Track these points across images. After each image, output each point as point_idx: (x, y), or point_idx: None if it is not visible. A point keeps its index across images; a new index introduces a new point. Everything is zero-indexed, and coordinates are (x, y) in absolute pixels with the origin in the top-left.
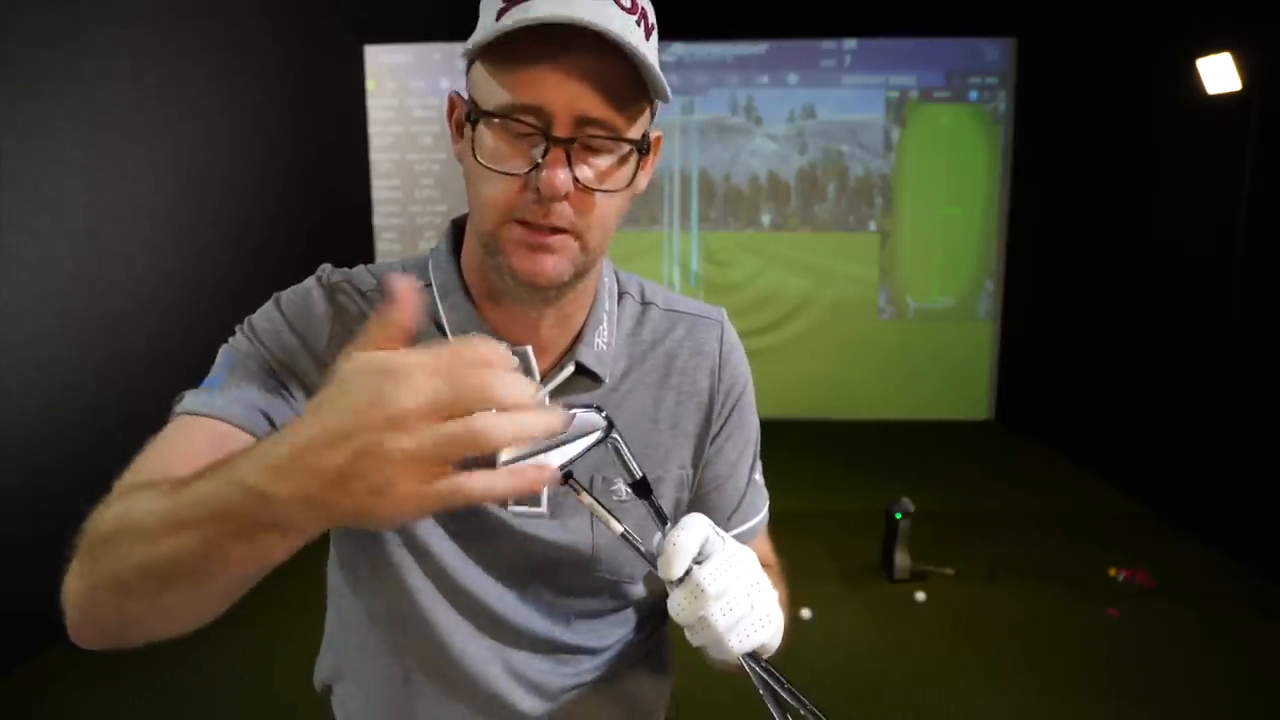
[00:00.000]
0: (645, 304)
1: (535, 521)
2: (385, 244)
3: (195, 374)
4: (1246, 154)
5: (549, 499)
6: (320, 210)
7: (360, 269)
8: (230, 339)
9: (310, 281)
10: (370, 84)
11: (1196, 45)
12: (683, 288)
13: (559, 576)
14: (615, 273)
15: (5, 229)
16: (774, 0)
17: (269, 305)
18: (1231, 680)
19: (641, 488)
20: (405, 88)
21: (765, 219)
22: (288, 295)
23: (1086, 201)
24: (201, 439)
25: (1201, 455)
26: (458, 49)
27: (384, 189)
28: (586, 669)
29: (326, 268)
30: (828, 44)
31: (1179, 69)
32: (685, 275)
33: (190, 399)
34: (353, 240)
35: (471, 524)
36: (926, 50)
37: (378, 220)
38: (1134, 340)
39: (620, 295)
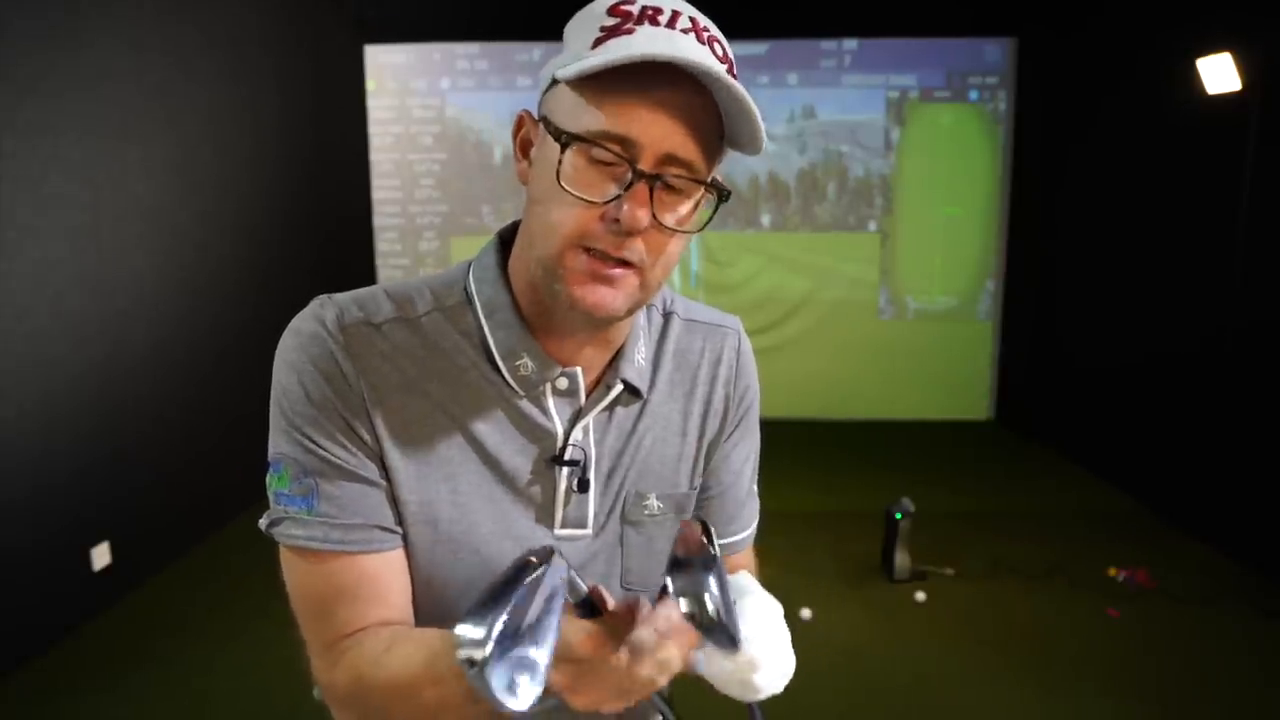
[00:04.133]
0: (667, 314)
1: (579, 544)
2: (385, 244)
3: (195, 374)
4: (1246, 154)
5: (594, 519)
6: (320, 210)
7: (375, 294)
8: (279, 433)
9: (315, 328)
10: (370, 84)
11: (1196, 45)
12: (683, 288)
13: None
14: None
15: (5, 229)
16: (774, 0)
17: (292, 381)
18: (1231, 680)
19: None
20: (405, 88)
21: (765, 219)
22: (305, 364)
23: (1086, 201)
24: (351, 577)
25: (1201, 455)
26: (458, 49)
27: (384, 189)
28: None
29: (328, 308)
30: (828, 44)
31: (1179, 69)
32: (685, 275)
33: (298, 530)
34: (353, 240)
35: (513, 552)
36: (926, 50)
37: (378, 220)
38: (1134, 340)
39: (648, 307)
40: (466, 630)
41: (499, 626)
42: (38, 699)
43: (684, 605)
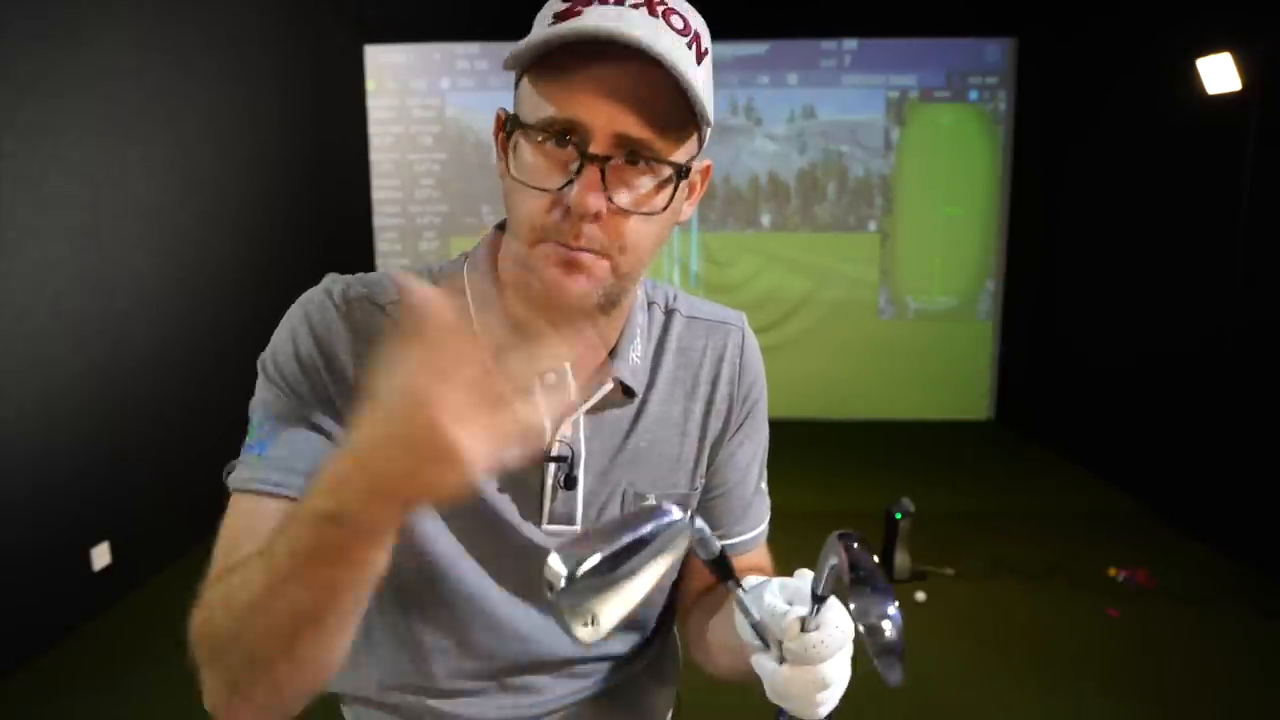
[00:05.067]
0: (669, 312)
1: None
2: (385, 244)
3: (195, 374)
4: (1246, 154)
5: (583, 517)
6: (320, 210)
7: (380, 277)
8: (260, 388)
9: (322, 297)
10: (370, 84)
11: (1196, 45)
12: (682, 288)
13: None
14: (643, 281)
15: (5, 229)
16: (774, 0)
17: (285, 337)
18: (1231, 680)
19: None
20: (405, 88)
21: (765, 219)
22: (302, 324)
23: (1086, 201)
24: (270, 521)
25: (1201, 455)
26: (458, 49)
27: (384, 189)
28: (596, 680)
29: (338, 282)
30: (828, 44)
31: (1179, 69)
32: (685, 275)
33: (245, 473)
34: (353, 240)
35: (500, 544)
36: (926, 50)
37: (378, 220)
38: (1134, 340)
39: (649, 305)
40: (555, 561)
41: (587, 565)
42: (38, 699)
43: (862, 627)
